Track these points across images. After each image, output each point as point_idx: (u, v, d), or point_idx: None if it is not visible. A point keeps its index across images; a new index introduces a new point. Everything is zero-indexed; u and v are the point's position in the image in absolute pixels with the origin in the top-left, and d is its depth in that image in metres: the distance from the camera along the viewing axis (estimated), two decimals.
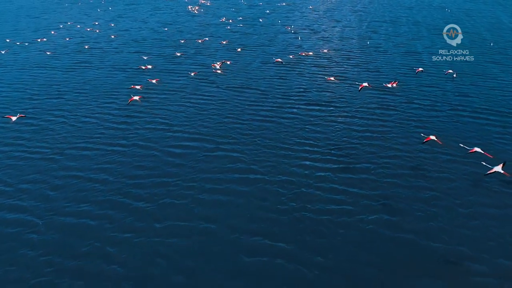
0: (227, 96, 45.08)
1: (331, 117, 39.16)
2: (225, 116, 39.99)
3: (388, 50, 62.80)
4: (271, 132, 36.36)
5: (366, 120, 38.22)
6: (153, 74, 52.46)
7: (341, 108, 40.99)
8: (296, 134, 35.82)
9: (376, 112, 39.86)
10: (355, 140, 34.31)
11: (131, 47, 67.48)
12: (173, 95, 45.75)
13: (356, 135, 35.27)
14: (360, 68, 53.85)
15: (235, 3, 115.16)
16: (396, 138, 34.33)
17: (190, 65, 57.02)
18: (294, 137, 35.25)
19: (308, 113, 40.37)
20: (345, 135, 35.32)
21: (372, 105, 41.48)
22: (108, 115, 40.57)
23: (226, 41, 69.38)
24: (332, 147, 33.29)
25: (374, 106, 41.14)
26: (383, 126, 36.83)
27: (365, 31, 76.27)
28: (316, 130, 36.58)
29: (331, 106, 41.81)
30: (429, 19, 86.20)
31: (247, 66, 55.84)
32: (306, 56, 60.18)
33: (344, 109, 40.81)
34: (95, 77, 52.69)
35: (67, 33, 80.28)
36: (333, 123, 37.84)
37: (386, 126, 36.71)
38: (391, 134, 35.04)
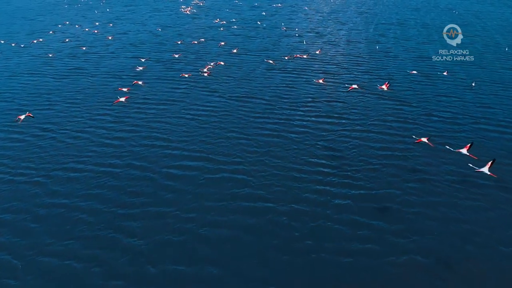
0: (230, 107, 41.46)
1: (344, 131, 35.55)
2: (229, 130, 36.38)
3: (398, 55, 59.14)
4: (280, 149, 32.74)
5: (384, 135, 34.63)
6: (148, 78, 48.94)
7: (355, 121, 37.37)
8: (308, 151, 32.23)
9: (393, 126, 36.26)
10: (374, 159, 30.70)
11: (128, 51, 63.77)
12: (172, 105, 42.12)
13: (374, 153, 31.68)
14: (371, 75, 50.18)
15: (234, 4, 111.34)
16: (420, 158, 30.77)
17: (190, 72, 53.35)
18: (305, 155, 31.67)
19: (319, 126, 36.78)
20: (361, 154, 31.72)
21: (388, 118, 37.88)
22: (101, 130, 36.91)
23: (224, 43, 65.95)
24: (348, 168, 29.68)
25: (390, 119, 37.53)
26: (403, 143, 33.22)
27: (373, 34, 72.57)
28: (329, 147, 32.98)
29: (343, 118, 38.20)
30: (438, 21, 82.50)
31: (250, 73, 52.18)
32: (312, 61, 56.56)
33: (358, 122, 37.20)
34: (89, 85, 49.00)
35: (63, 36, 76.53)
36: (348, 138, 34.23)
37: (406, 143, 33.10)
38: (413, 153, 31.43)
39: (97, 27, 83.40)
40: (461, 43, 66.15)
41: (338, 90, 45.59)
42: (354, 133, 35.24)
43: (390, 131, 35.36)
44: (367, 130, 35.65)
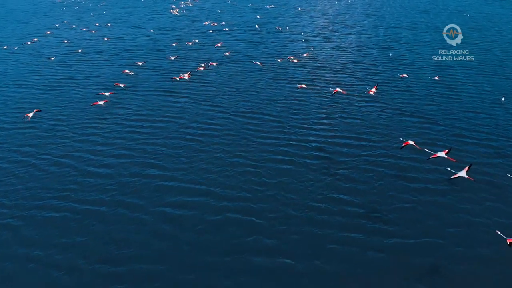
0: (234, 125, 36.47)
1: (367, 157, 30.57)
2: (233, 154, 31.40)
3: (414, 63, 54.12)
4: (294, 180, 27.75)
5: (422, 173, 28.96)
6: (144, 90, 43.95)
7: (379, 146, 32.21)
8: (327, 184, 27.24)
9: (427, 153, 31.30)
10: (408, 204, 25.41)
11: (123, 58, 58.66)
12: (169, 122, 37.11)
13: (409, 198, 26.37)
14: (389, 87, 45.14)
15: (234, 6, 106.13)
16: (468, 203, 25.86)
17: (189, 82, 48.37)
18: (325, 189, 26.68)
19: (338, 149, 31.79)
20: (390, 188, 26.74)
21: (416, 139, 32.79)
22: (88, 154, 31.89)
23: (229, 52, 60.86)
24: (379, 214, 24.59)
25: (420, 141, 32.43)
26: (437, 171, 28.31)
27: (384, 39, 67.50)
28: (351, 178, 27.98)
29: (363, 140, 33.18)
30: (449, 24, 77.31)
31: (255, 84, 47.13)
32: (322, 69, 51.57)
33: (380, 145, 32.24)
34: (79, 98, 43.94)
35: (55, 40, 71.37)
36: (372, 166, 29.20)
37: (439, 171, 28.17)
38: (458, 196, 26.52)
39: (92, 31, 78.22)
40: (461, 43, 62.13)
41: (353, 104, 40.60)
42: (378, 158, 30.29)
43: (428, 166, 30.03)
44: (392, 155, 30.65)
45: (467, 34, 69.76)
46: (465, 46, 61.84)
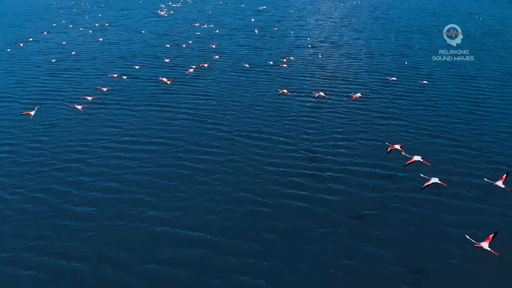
0: (238, 149, 31.47)
1: (395, 191, 25.66)
2: (238, 188, 26.42)
3: (433, 72, 49.10)
4: (312, 226, 22.81)
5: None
6: (138, 105, 38.95)
7: (412, 178, 27.31)
8: (357, 228, 22.37)
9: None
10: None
11: (117, 67, 53.49)
12: (164, 146, 32.08)
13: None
14: (409, 100, 40.16)
15: (238, 9, 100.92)
16: None
17: (188, 95, 43.37)
18: (354, 237, 21.78)
19: (360, 181, 26.86)
20: (441, 242, 21.86)
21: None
22: (70, 188, 26.89)
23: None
24: (425, 273, 19.70)
25: (459, 171, 27.51)
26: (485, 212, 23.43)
27: (395, 45, 62.43)
28: (382, 220, 23.08)
29: (389, 168, 28.20)
30: (463, 29, 72.15)
31: (261, 97, 42.12)
32: (332, 79, 46.60)
33: (406, 186, 27.16)
34: (64, 114, 38.84)
35: (45, 46, 66.14)
36: (404, 203, 24.33)
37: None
38: None
39: (85, 36, 73.03)
40: (479, 49, 58.58)
41: (372, 121, 35.62)
42: (403, 194, 25.36)
43: (480, 204, 25.42)
44: (440, 194, 25.70)
45: (483, 40, 64.94)
46: (484, 53, 57.06)
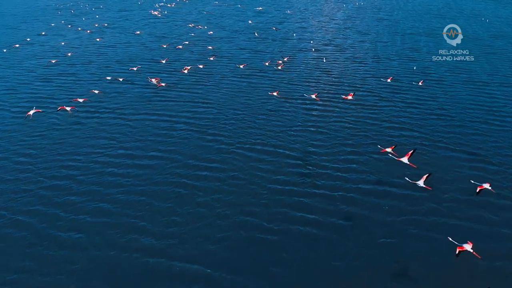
0: (240, 164, 28.92)
1: (415, 216, 23.13)
2: (240, 211, 23.89)
3: (444, 78, 46.50)
4: (322, 257, 20.29)
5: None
6: (134, 112, 36.44)
7: (430, 198, 24.81)
8: (374, 259, 19.86)
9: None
10: None
11: (114, 71, 50.92)
12: (161, 160, 29.51)
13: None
14: (421, 109, 37.64)
15: (239, 10, 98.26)
16: None
17: (187, 102, 40.88)
18: (374, 276, 19.22)
19: (374, 202, 24.33)
20: None
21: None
22: (57, 210, 24.34)
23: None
24: None
25: None
26: None
27: (402, 48, 59.88)
28: (402, 250, 20.60)
29: (405, 187, 25.59)
30: (470, 31, 69.75)
31: (264, 105, 39.60)
32: (339, 85, 44.06)
33: (438, 203, 24.74)
34: (55, 125, 36.31)
35: (40, 49, 63.57)
36: (426, 229, 21.82)
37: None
38: None
39: (82, 39, 70.42)
40: (490, 53, 56.46)
41: (383, 132, 33.13)
42: (423, 217, 22.83)
43: None
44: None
45: (492, 43, 62.45)
46: (495, 57, 54.59)
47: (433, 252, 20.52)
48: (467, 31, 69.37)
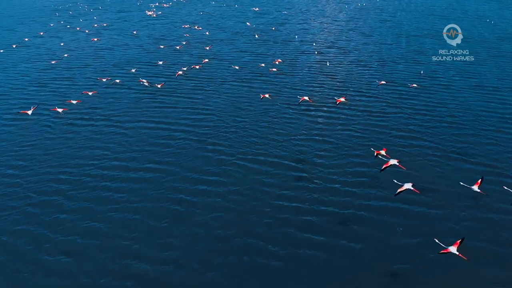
0: (242, 178, 27.02)
1: (430, 236, 21.22)
2: (244, 233, 22.01)
3: (452, 83, 44.54)
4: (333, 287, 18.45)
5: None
6: (129, 122, 34.52)
7: (447, 216, 22.88)
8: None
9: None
10: None
11: (111, 75, 48.70)
12: (157, 174, 27.60)
13: None
14: (430, 116, 35.71)
15: (239, 12, 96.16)
16: None
17: (186, 108, 38.95)
18: None
19: (388, 221, 22.45)
20: None
21: (506, 208, 23.44)
22: (45, 230, 22.42)
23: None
24: None
25: (509, 209, 23.11)
26: None
27: (407, 50, 57.91)
28: (419, 277, 18.68)
29: (418, 204, 23.72)
30: (476, 33, 67.72)
31: (266, 112, 37.68)
32: (343, 89, 42.08)
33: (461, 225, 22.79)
34: (47, 133, 34.38)
35: (35, 52, 61.53)
36: (443, 255, 19.93)
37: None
38: None
39: (79, 41, 68.32)
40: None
41: (392, 142, 31.18)
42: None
43: None
44: None
45: (499, 45, 60.45)
46: (503, 60, 52.68)
47: (452, 277, 18.65)
48: (473, 33, 67.46)
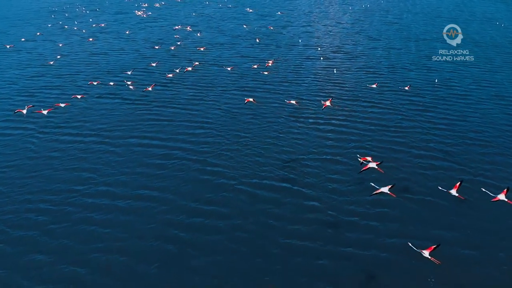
0: (243, 205, 23.59)
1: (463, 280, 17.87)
2: (245, 279, 18.54)
3: (469, 92, 40.92)
4: None
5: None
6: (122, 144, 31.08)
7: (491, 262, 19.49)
8: None
9: None
10: None
11: (103, 84, 45.34)
12: (150, 202, 24.13)
13: None
14: (451, 131, 32.21)
15: (240, 14, 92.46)
16: None
17: (182, 122, 35.45)
18: None
19: (417, 266, 18.92)
20: None
21: None
22: (19, 277, 18.98)
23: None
24: None
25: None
26: None
27: (418, 55, 54.31)
28: None
29: (451, 243, 20.28)
30: (487, 38, 64.06)
31: (270, 125, 34.17)
32: (355, 102, 38.55)
33: None
34: (30, 151, 30.85)
35: (25, 57, 57.93)
36: None
37: None
38: None
39: (72, 45, 64.59)
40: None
41: (412, 163, 27.64)
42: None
43: None
44: None
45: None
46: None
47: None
48: (485, 37, 63.86)
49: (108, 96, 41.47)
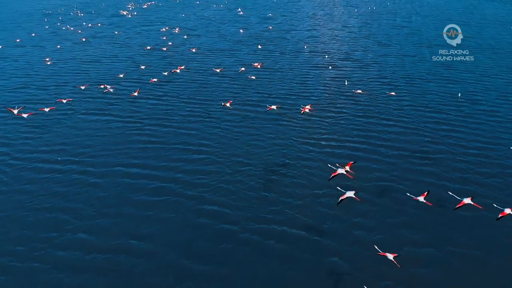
0: (249, 263, 18.85)
1: None
2: None
3: (497, 108, 36.03)
4: None
5: None
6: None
7: None
8: None
9: None
10: None
11: (91, 97, 40.51)
12: (133, 258, 19.48)
13: None
14: (486, 157, 27.46)
15: (242, 16, 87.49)
16: None
17: (178, 144, 30.70)
18: None
19: None
20: None
21: None
22: None
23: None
24: None
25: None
26: None
27: (434, 64, 49.36)
28: None
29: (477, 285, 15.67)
30: (504, 43, 59.20)
31: (279, 149, 29.31)
32: (369, 117, 33.85)
33: None
34: (12, 174, 26.22)
35: (10, 66, 52.94)
36: None
37: None
38: None
39: (62, 52, 59.54)
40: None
41: (438, 185, 22.86)
42: None
43: None
44: None
45: None
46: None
47: None
48: (501, 43, 59.06)
49: (95, 112, 36.68)
